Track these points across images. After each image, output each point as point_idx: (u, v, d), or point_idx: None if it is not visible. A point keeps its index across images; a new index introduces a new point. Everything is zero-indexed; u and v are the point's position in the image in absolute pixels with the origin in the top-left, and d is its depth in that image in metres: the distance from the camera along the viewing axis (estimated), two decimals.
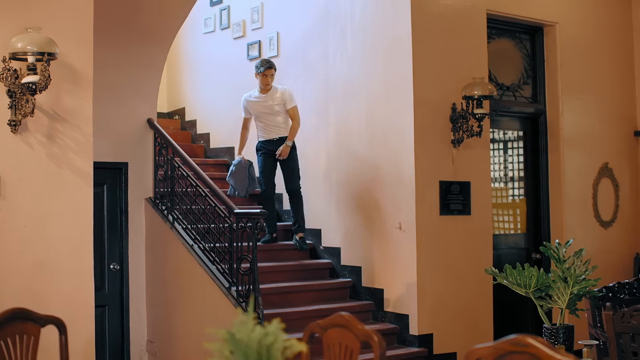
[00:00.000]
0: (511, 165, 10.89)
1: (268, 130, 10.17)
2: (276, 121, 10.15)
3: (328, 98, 10.39)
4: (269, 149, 10.14)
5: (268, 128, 10.16)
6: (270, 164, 10.19)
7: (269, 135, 10.17)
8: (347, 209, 10.05)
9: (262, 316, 8.22)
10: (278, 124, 10.15)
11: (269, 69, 10.04)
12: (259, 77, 10.09)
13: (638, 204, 11.84)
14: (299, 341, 2.84)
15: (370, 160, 9.74)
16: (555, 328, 6.25)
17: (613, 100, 11.56)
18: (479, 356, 3.32)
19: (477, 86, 9.32)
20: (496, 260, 9.98)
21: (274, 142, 10.13)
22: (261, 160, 10.22)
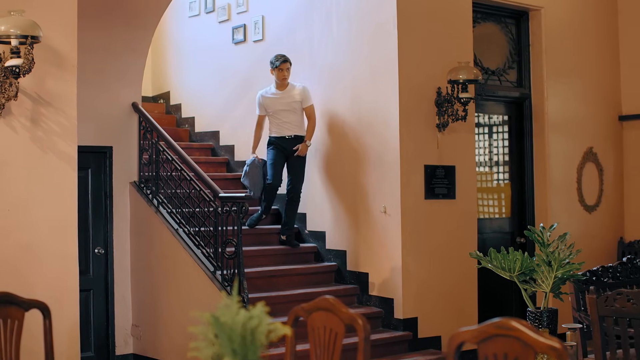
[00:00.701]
0: (496, 149, 10.91)
1: (283, 128, 9.95)
2: (292, 119, 9.95)
3: (313, 82, 10.36)
4: (282, 145, 9.92)
5: (284, 125, 9.95)
6: (281, 158, 9.97)
7: (283, 132, 9.95)
8: (332, 193, 10.05)
9: (247, 300, 8.22)
10: (294, 121, 9.95)
11: (284, 63, 9.87)
12: (275, 72, 9.90)
13: (622, 188, 11.88)
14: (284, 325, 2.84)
15: (355, 144, 9.73)
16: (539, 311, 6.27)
17: (598, 85, 11.58)
18: (463, 339, 3.33)
19: (462, 70, 9.33)
20: (481, 244, 10.00)
21: (287, 140, 9.93)
22: (272, 153, 9.97)
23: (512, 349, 3.16)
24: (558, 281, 6.29)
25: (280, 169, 9.96)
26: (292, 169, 9.98)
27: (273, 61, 9.90)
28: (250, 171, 10.02)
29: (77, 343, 7.37)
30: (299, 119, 9.98)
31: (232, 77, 11.66)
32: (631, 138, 11.86)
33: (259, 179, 10.02)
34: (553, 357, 3.04)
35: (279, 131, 9.95)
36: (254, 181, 10.01)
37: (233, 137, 11.59)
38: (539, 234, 6.38)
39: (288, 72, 9.93)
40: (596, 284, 6.93)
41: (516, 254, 6.37)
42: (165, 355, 9.29)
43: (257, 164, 10.04)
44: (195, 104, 12.35)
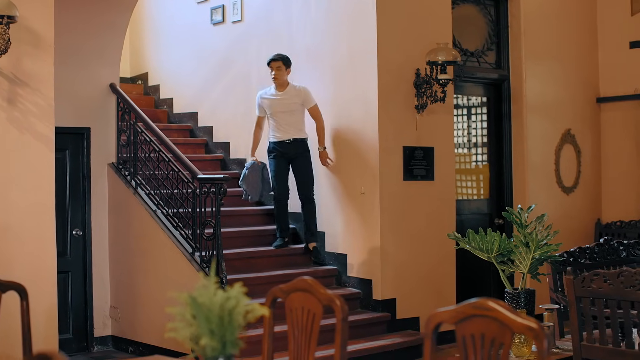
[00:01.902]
0: (474, 131, 10.93)
1: (282, 130, 9.59)
2: (292, 121, 9.59)
3: (292, 63, 10.33)
4: (282, 150, 9.59)
5: (282, 128, 9.59)
6: (284, 166, 9.65)
7: (283, 135, 9.59)
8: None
9: (226, 281, 8.22)
10: (293, 123, 9.59)
11: (273, 61, 9.56)
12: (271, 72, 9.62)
13: (599, 170, 11.94)
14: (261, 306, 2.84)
15: (334, 125, 9.72)
16: (517, 292, 6.30)
17: (576, 67, 11.62)
18: (441, 320, 3.34)
19: (441, 52, 9.32)
20: (459, 226, 10.02)
21: (287, 144, 9.58)
22: (274, 164, 9.64)
23: (489, 329, 3.17)
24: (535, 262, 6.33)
25: (285, 179, 9.67)
26: (298, 172, 9.66)
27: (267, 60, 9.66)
28: (250, 175, 9.78)
29: (55, 325, 7.36)
30: (299, 121, 9.62)
31: (210, 58, 11.62)
32: (609, 120, 11.90)
33: (259, 182, 9.80)
34: (530, 337, 3.06)
35: (279, 135, 9.59)
36: (253, 185, 9.78)
37: (212, 119, 11.55)
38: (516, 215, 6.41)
39: (279, 72, 9.56)
40: (573, 265, 6.96)
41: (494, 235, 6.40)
42: (143, 337, 9.29)
43: (257, 167, 9.80)
44: (173, 85, 12.30)
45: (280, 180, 9.63)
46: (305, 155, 9.65)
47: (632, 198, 11.67)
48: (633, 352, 5.28)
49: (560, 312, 6.62)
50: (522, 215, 6.39)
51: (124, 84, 11.50)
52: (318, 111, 9.64)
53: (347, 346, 3.75)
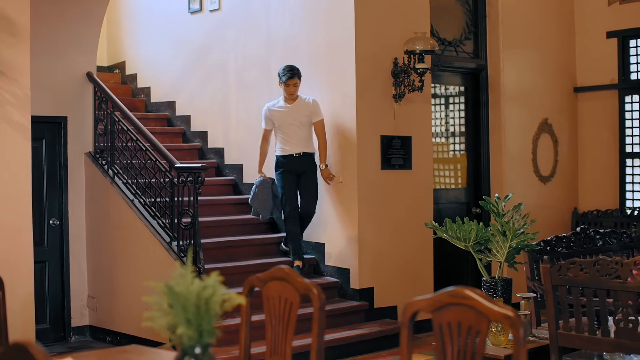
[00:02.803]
0: (452, 120, 10.95)
1: (291, 144, 9.28)
2: (301, 134, 9.29)
3: (270, 52, 10.32)
4: (291, 164, 9.28)
5: (292, 141, 9.27)
6: (293, 182, 9.32)
7: (292, 149, 9.28)
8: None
9: (203, 270, 8.21)
10: (303, 137, 9.30)
11: (291, 79, 9.20)
12: (282, 86, 9.27)
13: (576, 159, 11.99)
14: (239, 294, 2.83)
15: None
16: (494, 281, 6.33)
17: (553, 56, 11.65)
18: (417, 308, 3.34)
19: (418, 41, 9.32)
20: (437, 215, 10.05)
21: (295, 158, 9.28)
22: (282, 179, 9.32)
23: (466, 317, 3.18)
24: (512, 251, 6.36)
25: (294, 194, 9.35)
26: (305, 187, 9.37)
27: (280, 75, 9.27)
28: (260, 192, 9.50)
29: (32, 315, 7.34)
30: (308, 135, 9.35)
31: (188, 47, 11.59)
32: (586, 110, 11.95)
33: (269, 199, 9.51)
34: (506, 325, 3.06)
35: (288, 149, 9.29)
36: (263, 203, 9.50)
37: (189, 108, 11.52)
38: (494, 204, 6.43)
39: (296, 88, 9.27)
40: (550, 253, 6.99)
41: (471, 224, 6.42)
42: (121, 326, 9.27)
43: (267, 184, 9.51)
44: (151, 74, 12.26)
45: (291, 195, 9.31)
46: (313, 171, 9.39)
47: (609, 187, 11.73)
48: (609, 340, 5.31)
49: (537, 301, 6.65)
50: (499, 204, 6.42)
51: (101, 72, 11.45)
52: (323, 126, 9.36)
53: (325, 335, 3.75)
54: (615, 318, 5.27)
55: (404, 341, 3.35)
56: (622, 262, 5.22)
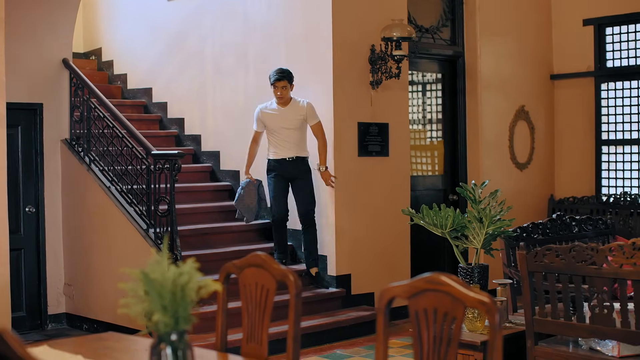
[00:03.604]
0: (429, 107, 10.96)
1: (283, 148, 9.07)
2: (294, 138, 9.06)
3: (247, 38, 10.30)
4: (282, 169, 9.09)
5: (283, 145, 9.07)
6: (283, 186, 9.15)
7: (283, 153, 9.08)
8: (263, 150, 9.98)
9: (180, 257, 8.20)
10: (295, 141, 9.07)
11: (279, 81, 8.93)
12: (273, 89, 9.01)
13: (553, 146, 12.04)
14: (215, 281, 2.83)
15: None
16: (471, 267, 6.35)
17: (530, 44, 11.68)
18: (393, 295, 3.35)
19: (396, 28, 9.32)
20: (414, 202, 10.07)
21: (287, 162, 9.08)
22: (273, 183, 9.13)
23: (442, 303, 3.19)
24: (489, 237, 6.38)
25: (285, 200, 9.18)
26: (299, 192, 9.18)
27: (270, 78, 9.02)
28: (246, 194, 9.25)
29: (8, 303, 7.31)
30: (301, 138, 9.12)
31: (165, 34, 11.53)
32: (562, 97, 12.00)
33: (255, 202, 9.26)
34: (482, 311, 3.07)
35: (279, 152, 9.09)
36: (249, 205, 9.25)
37: (166, 94, 11.48)
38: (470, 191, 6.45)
39: (285, 91, 8.98)
40: (526, 240, 7.02)
41: (448, 210, 6.43)
42: (98, 314, 9.24)
43: (253, 186, 9.27)
44: (127, 60, 12.20)
45: (280, 200, 9.15)
46: (307, 175, 9.17)
47: (585, 174, 11.78)
48: (584, 326, 5.34)
49: (513, 287, 6.68)
50: (475, 191, 6.43)
51: (77, 59, 11.38)
52: (322, 128, 9.13)
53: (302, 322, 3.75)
54: (591, 304, 5.30)
55: (380, 327, 3.35)
56: (597, 249, 5.25)
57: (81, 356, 3.57)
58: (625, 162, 11.52)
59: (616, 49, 11.59)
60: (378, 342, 3.37)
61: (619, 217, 11.16)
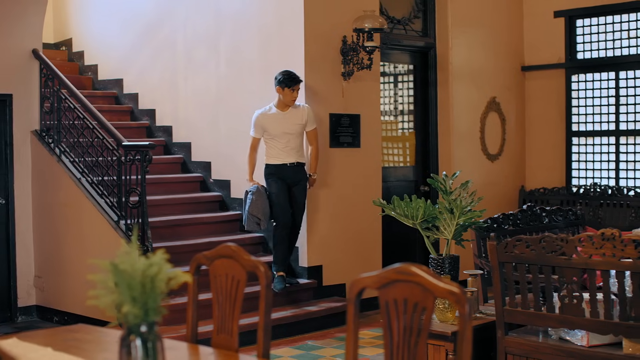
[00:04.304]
0: (401, 98, 10.98)
1: (285, 153, 8.82)
2: (296, 143, 8.85)
3: (219, 29, 10.26)
4: (283, 175, 8.85)
5: (285, 150, 8.81)
6: (286, 190, 8.85)
7: (285, 158, 8.83)
8: (237, 143, 9.97)
9: (151, 249, 8.18)
10: (296, 146, 8.86)
11: (296, 84, 8.75)
12: (285, 92, 8.73)
13: (523, 138, 12.09)
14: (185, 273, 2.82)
15: (261, 92, 9.67)
16: (442, 258, 6.37)
17: (501, 35, 11.72)
18: (364, 285, 3.35)
19: (367, 19, 9.32)
20: (385, 193, 10.08)
21: (288, 168, 8.86)
22: (276, 187, 8.81)
23: (412, 294, 3.19)
24: (460, 228, 6.40)
25: (288, 201, 8.87)
26: (295, 199, 8.93)
27: (283, 80, 8.72)
28: (258, 200, 8.77)
29: None
30: (301, 143, 8.93)
31: (136, 24, 11.48)
32: (533, 88, 12.05)
33: (267, 207, 8.81)
34: (452, 301, 3.09)
35: (281, 158, 8.84)
36: (263, 210, 8.78)
37: (137, 85, 11.43)
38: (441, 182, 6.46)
39: (298, 94, 8.86)
40: (497, 231, 7.04)
41: (419, 201, 6.44)
42: (69, 306, 9.20)
43: (262, 192, 8.84)
44: (98, 51, 12.13)
45: (285, 205, 8.82)
46: (304, 184, 9.01)
47: (555, 165, 11.85)
48: (554, 316, 5.37)
49: (483, 278, 6.70)
50: (446, 182, 6.45)
51: (47, 50, 11.31)
52: (316, 135, 9.07)
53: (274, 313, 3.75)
54: (560, 294, 5.33)
55: (350, 318, 3.36)
56: (567, 239, 5.28)
57: (51, 348, 3.55)
58: (595, 154, 11.60)
59: (587, 41, 11.66)
60: (348, 332, 3.37)
61: (589, 208, 11.23)
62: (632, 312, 5.06)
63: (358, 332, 3.39)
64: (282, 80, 8.74)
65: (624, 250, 5.02)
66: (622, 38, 11.35)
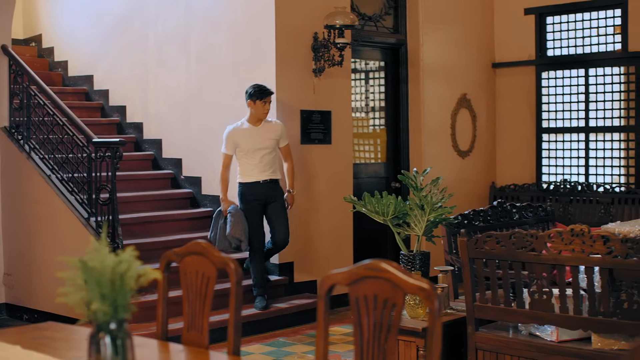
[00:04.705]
0: (372, 95, 11.00)
1: (258, 170, 8.59)
2: (270, 159, 8.62)
3: (189, 25, 10.23)
4: (257, 193, 8.61)
5: (259, 167, 8.58)
6: (260, 212, 8.66)
7: (259, 175, 8.60)
8: (208, 140, 9.96)
9: (122, 246, 8.14)
10: (270, 162, 8.64)
11: (268, 95, 8.56)
12: (257, 104, 8.54)
13: (494, 134, 12.14)
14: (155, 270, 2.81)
15: (231, 90, 9.66)
16: (412, 254, 6.38)
17: (472, 32, 11.76)
18: (334, 282, 3.35)
19: (338, 15, 9.32)
20: (357, 189, 10.10)
21: (262, 185, 8.62)
22: (250, 209, 8.60)
23: (382, 290, 3.20)
24: (430, 225, 6.41)
25: (262, 226, 8.73)
26: (277, 215, 8.72)
27: (254, 93, 8.53)
28: (238, 221, 8.48)
29: None
30: (275, 159, 8.71)
31: (106, 20, 11.42)
32: (503, 85, 12.11)
33: (247, 228, 8.52)
34: (422, 297, 3.09)
35: (255, 175, 8.62)
36: (244, 230, 8.50)
37: (107, 82, 11.38)
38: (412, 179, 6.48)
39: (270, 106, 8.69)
40: (467, 227, 7.06)
41: (390, 198, 6.45)
42: (38, 304, 9.15)
43: (241, 212, 8.56)
44: (68, 47, 12.06)
45: (259, 228, 8.65)
46: (282, 199, 8.78)
47: (526, 162, 11.91)
48: (524, 312, 5.40)
49: (454, 274, 6.72)
50: (417, 179, 6.46)
51: (17, 45, 11.23)
52: (290, 150, 8.91)
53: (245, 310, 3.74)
54: (530, 290, 5.36)
55: (320, 314, 3.36)
56: (537, 235, 5.31)
57: (19, 346, 3.53)
58: (565, 150, 11.67)
59: (557, 38, 11.73)
60: (318, 329, 3.37)
61: (559, 204, 11.31)
62: (601, 308, 5.10)
63: (329, 329, 3.40)
64: (252, 93, 8.55)
65: (593, 246, 5.06)
66: (592, 35, 11.43)
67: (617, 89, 11.26)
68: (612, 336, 5.16)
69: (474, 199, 11.54)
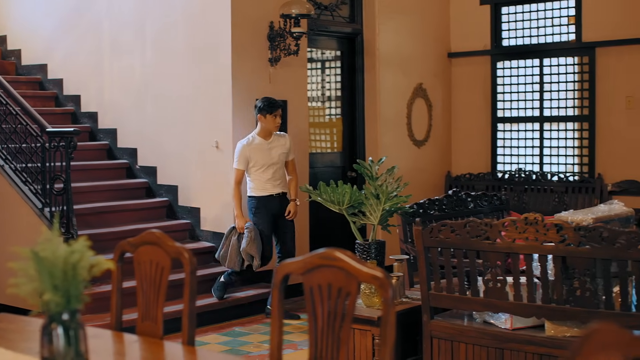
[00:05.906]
0: (328, 84, 11.00)
1: (271, 184, 8.61)
2: (281, 173, 8.66)
3: (144, 14, 10.16)
4: (269, 206, 8.64)
5: (272, 181, 8.60)
6: (272, 224, 8.68)
7: (272, 189, 8.62)
8: (163, 128, 9.92)
9: (76, 236, 8.08)
10: (281, 176, 8.68)
11: (278, 109, 8.58)
12: (267, 119, 8.55)
13: (450, 123, 12.20)
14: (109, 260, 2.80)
15: (187, 78, 9.63)
16: (368, 244, 6.40)
17: (429, 22, 11.80)
18: (289, 271, 3.36)
19: (295, 5, 9.31)
20: (313, 179, 10.10)
21: (275, 199, 8.65)
22: (264, 222, 8.63)
23: (336, 279, 3.21)
24: (386, 214, 6.43)
25: (272, 239, 8.77)
26: (286, 230, 8.75)
27: (263, 107, 8.54)
28: (255, 238, 8.51)
29: None
30: (284, 172, 8.75)
31: (61, 6, 11.29)
32: (459, 75, 12.17)
33: (260, 245, 8.57)
34: (376, 286, 3.11)
35: (268, 189, 8.62)
36: (259, 249, 8.55)
37: (62, 71, 11.27)
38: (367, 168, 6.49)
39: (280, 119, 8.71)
40: (423, 216, 7.09)
41: (345, 187, 6.46)
42: None
43: (256, 229, 8.57)
44: (21, 35, 11.92)
45: (269, 240, 8.72)
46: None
47: (481, 151, 11.99)
48: (478, 300, 5.44)
49: (410, 263, 6.75)
50: (372, 168, 6.47)
51: None
52: (295, 164, 8.93)
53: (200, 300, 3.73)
54: (485, 278, 5.40)
55: (274, 303, 3.37)
56: (491, 224, 5.34)
57: None
58: (520, 140, 11.77)
59: (512, 28, 11.81)
60: (273, 318, 3.38)
61: (514, 193, 11.40)
62: (554, 295, 5.15)
63: (283, 318, 3.40)
64: (262, 107, 8.55)
65: (546, 235, 5.10)
66: (547, 26, 11.52)
67: (572, 78, 11.36)
68: (564, 323, 5.21)
69: (429, 188, 11.59)
